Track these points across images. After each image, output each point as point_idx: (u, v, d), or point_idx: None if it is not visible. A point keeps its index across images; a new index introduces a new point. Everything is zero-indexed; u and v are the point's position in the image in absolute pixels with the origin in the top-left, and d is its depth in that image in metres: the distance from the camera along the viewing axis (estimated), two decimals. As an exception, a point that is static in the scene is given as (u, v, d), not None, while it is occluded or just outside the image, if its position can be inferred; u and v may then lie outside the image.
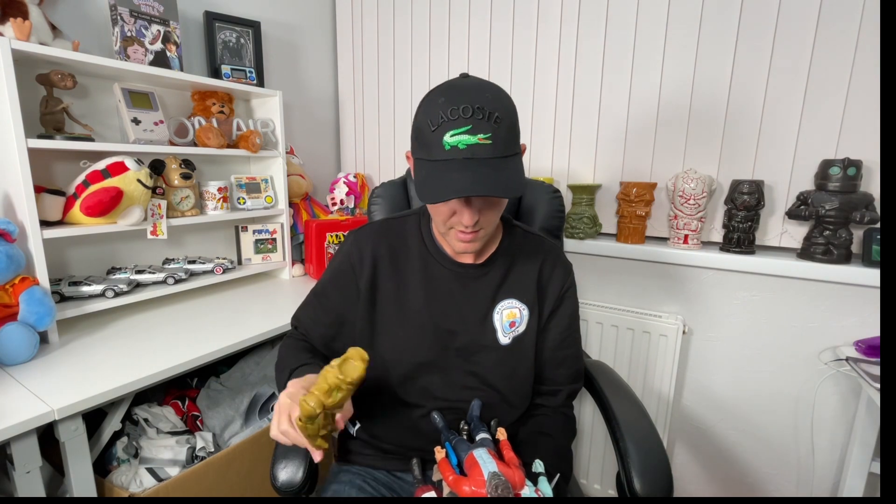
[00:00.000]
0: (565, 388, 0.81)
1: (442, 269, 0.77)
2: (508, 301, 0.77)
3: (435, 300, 0.76)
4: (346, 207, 1.74)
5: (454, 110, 0.59)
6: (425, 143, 0.63)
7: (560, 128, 1.42)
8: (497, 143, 0.60)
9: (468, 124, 0.59)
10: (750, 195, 1.12)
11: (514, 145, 0.63)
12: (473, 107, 0.59)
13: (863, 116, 1.04)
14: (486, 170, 0.59)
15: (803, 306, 1.15)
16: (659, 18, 1.22)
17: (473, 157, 0.59)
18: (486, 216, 0.67)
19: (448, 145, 0.60)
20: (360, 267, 0.77)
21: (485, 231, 0.69)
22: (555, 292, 0.79)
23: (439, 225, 0.70)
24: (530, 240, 0.82)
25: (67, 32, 1.07)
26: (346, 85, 1.86)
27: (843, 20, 1.03)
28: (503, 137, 0.60)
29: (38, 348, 0.94)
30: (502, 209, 0.70)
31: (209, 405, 1.15)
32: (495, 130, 0.59)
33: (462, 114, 0.59)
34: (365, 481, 0.77)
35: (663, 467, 0.70)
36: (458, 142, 0.59)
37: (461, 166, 0.60)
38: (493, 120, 0.59)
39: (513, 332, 0.77)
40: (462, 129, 0.59)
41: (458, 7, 1.53)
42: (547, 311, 0.79)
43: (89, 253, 1.22)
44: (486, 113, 0.59)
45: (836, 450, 1.16)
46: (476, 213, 0.65)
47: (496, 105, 0.60)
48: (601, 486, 1.41)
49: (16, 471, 0.75)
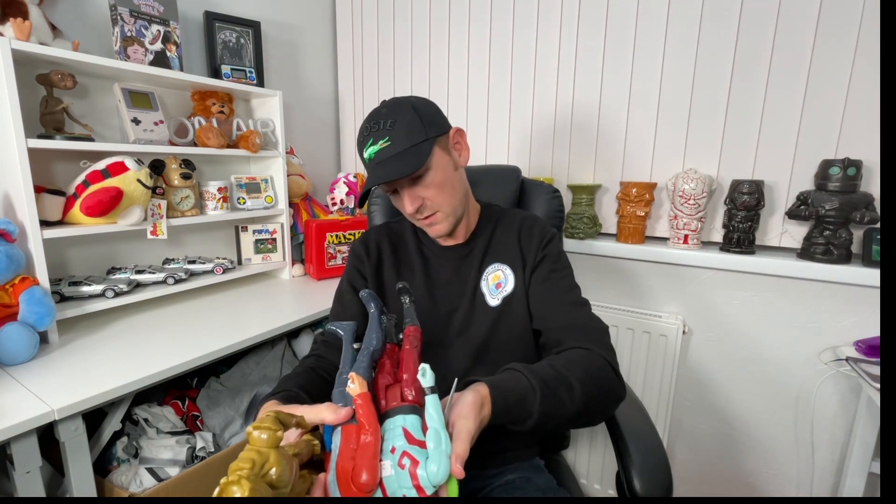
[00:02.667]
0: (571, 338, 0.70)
1: (434, 255, 0.86)
2: (493, 266, 0.83)
3: (432, 283, 0.83)
4: (346, 207, 1.74)
5: (362, 130, 0.76)
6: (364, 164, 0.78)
7: (560, 128, 1.42)
8: (395, 142, 0.72)
9: (370, 138, 0.74)
10: (750, 195, 1.12)
11: (414, 136, 0.73)
12: (370, 123, 0.75)
13: (863, 116, 1.04)
14: (389, 164, 0.72)
15: (803, 306, 1.15)
16: (659, 18, 1.22)
17: (381, 159, 0.73)
18: (428, 195, 0.75)
19: (367, 158, 0.75)
20: (367, 259, 0.85)
21: (442, 212, 0.77)
22: (534, 249, 0.82)
23: (414, 221, 0.81)
24: (508, 212, 0.89)
25: (67, 32, 1.07)
26: (346, 85, 1.86)
27: (843, 20, 1.03)
28: (401, 135, 0.72)
29: (38, 348, 0.93)
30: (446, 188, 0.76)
31: (209, 405, 1.15)
32: (391, 133, 0.73)
33: (364, 131, 0.76)
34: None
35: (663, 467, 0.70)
36: (370, 153, 0.74)
37: (377, 167, 0.73)
38: (388, 126, 0.73)
39: (500, 293, 0.80)
40: (368, 142, 0.74)
41: (458, 7, 1.53)
42: (529, 269, 0.81)
43: (89, 253, 1.22)
44: (380, 123, 0.74)
45: (836, 450, 1.16)
46: (415, 199, 0.75)
47: (389, 113, 0.74)
48: (601, 486, 1.41)
49: (16, 471, 0.75)
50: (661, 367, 1.28)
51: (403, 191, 0.75)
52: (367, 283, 0.84)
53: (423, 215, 0.77)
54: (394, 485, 0.42)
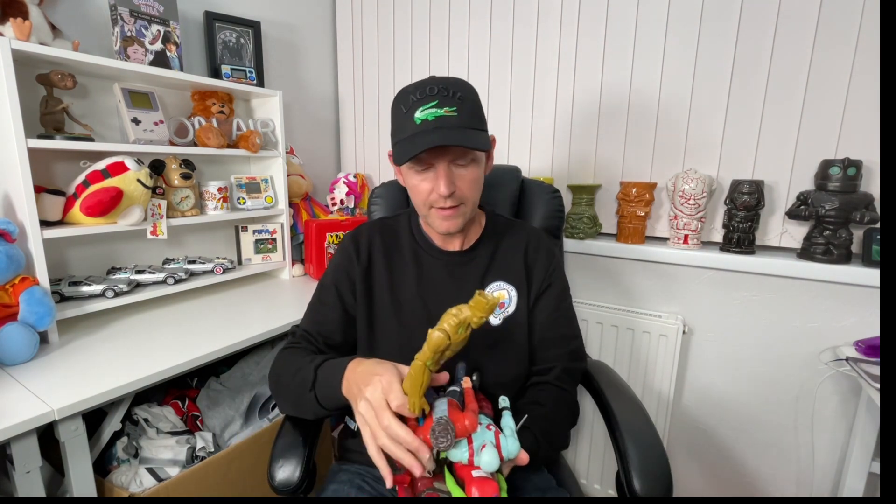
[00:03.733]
0: (558, 364, 0.79)
1: (431, 259, 0.82)
2: (497, 283, 0.80)
3: (426, 289, 0.80)
4: (346, 207, 1.74)
5: (422, 91, 0.68)
6: (400, 126, 0.70)
7: (560, 127, 1.42)
8: (462, 116, 0.67)
9: (435, 99, 0.67)
10: (750, 195, 1.12)
11: (479, 122, 0.70)
12: (438, 86, 0.68)
13: (863, 116, 1.04)
14: (453, 130, 0.66)
15: (803, 306, 1.15)
16: (659, 18, 1.22)
17: (442, 126, 0.66)
18: (462, 186, 0.71)
19: (419, 120, 0.67)
20: (357, 260, 0.81)
21: (464, 207, 0.73)
22: (540, 275, 0.81)
23: (421, 208, 0.75)
24: (512, 225, 0.86)
25: (67, 32, 1.07)
26: (346, 85, 1.86)
27: (843, 20, 1.03)
28: (468, 112, 0.68)
29: (38, 348, 0.93)
30: (478, 182, 0.73)
31: (209, 405, 1.15)
32: (460, 105, 0.67)
33: (429, 92, 0.67)
34: (364, 480, 0.77)
35: (663, 467, 0.70)
36: (428, 115, 0.66)
37: (432, 132, 0.66)
38: (457, 98, 0.67)
39: (503, 314, 0.79)
40: (430, 104, 0.66)
41: (458, 7, 1.53)
42: (535, 292, 0.81)
43: (89, 253, 1.22)
44: (450, 91, 0.67)
45: (836, 450, 1.16)
46: (450, 182, 0.69)
47: (459, 87, 0.69)
48: (601, 486, 1.41)
49: (16, 471, 0.75)
50: (661, 367, 1.28)
51: (444, 169, 0.69)
52: (355, 286, 0.80)
53: (448, 203, 0.71)
54: (481, 438, 0.56)
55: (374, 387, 0.56)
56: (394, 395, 0.54)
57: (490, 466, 0.54)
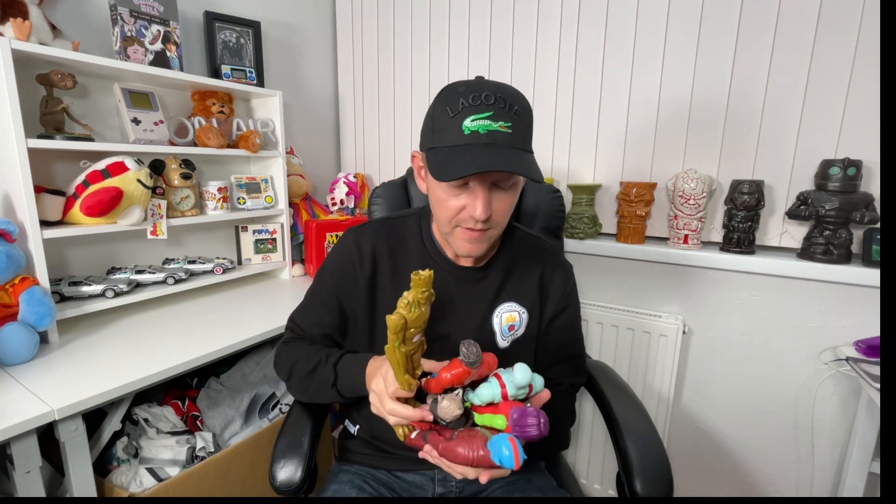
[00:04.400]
0: (566, 380, 0.82)
1: (441, 272, 0.76)
2: (508, 304, 0.77)
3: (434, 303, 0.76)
4: (346, 207, 1.74)
5: (476, 97, 0.59)
6: (442, 129, 0.62)
7: (560, 128, 1.42)
8: (516, 134, 0.60)
9: (490, 110, 0.59)
10: (750, 195, 1.12)
11: (529, 141, 0.64)
12: (496, 95, 0.60)
13: (863, 116, 1.04)
14: (508, 152, 0.60)
15: (803, 306, 1.15)
16: (659, 18, 1.22)
17: (494, 143, 0.59)
18: (498, 211, 0.66)
19: (468, 130, 0.59)
20: (360, 265, 0.77)
21: (493, 231, 0.68)
22: (556, 297, 0.79)
23: (444, 224, 0.69)
24: (530, 242, 0.82)
25: (67, 32, 1.07)
26: (346, 85, 1.86)
27: (843, 20, 1.03)
28: (522, 131, 0.61)
29: (38, 348, 0.93)
30: (512, 208, 0.69)
31: (209, 405, 1.15)
32: (515, 121, 0.60)
33: (484, 100, 0.59)
34: (365, 481, 0.77)
35: (663, 467, 0.70)
36: (479, 126, 0.59)
37: (482, 148, 0.59)
38: (514, 112, 0.60)
39: (512, 336, 0.77)
40: (484, 114, 0.59)
41: (458, 7, 1.53)
42: (549, 315, 0.79)
43: (89, 253, 1.22)
44: (507, 104, 0.60)
45: (836, 450, 1.16)
46: (488, 206, 0.63)
47: (516, 100, 0.61)
48: (601, 486, 1.41)
49: (16, 471, 0.75)
50: (661, 367, 1.28)
51: (483, 191, 0.62)
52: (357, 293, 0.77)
53: (479, 226, 0.66)
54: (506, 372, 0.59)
55: (377, 380, 0.63)
56: (390, 383, 0.60)
57: (525, 377, 0.57)
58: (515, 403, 0.58)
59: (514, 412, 0.56)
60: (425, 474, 0.79)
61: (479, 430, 0.59)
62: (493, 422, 0.59)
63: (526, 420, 0.54)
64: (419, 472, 0.79)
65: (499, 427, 0.58)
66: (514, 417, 0.56)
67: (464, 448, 0.56)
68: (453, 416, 0.60)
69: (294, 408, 0.81)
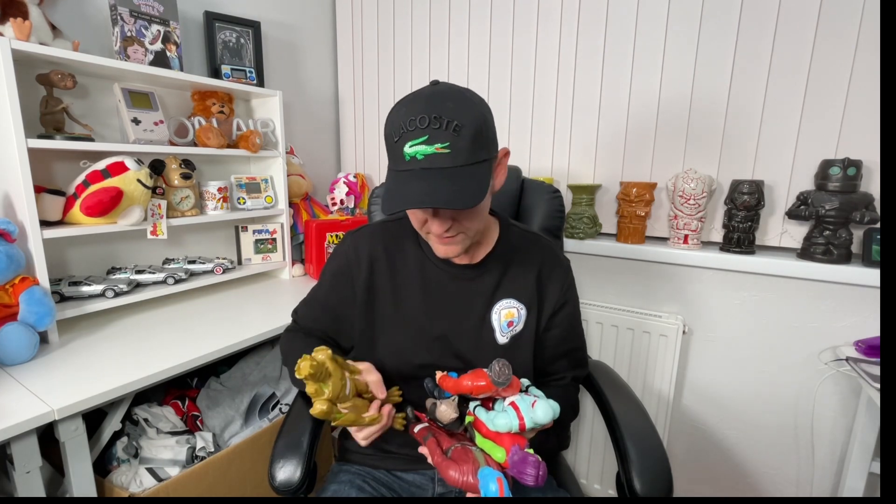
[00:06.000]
0: (569, 374, 0.83)
1: (437, 271, 0.78)
2: (506, 301, 0.77)
3: (432, 302, 0.77)
4: (346, 207, 1.74)
5: (412, 121, 0.59)
6: (392, 154, 0.63)
7: (560, 128, 1.42)
8: (456, 153, 0.59)
9: (425, 134, 0.58)
10: (750, 195, 1.12)
11: (478, 152, 0.61)
12: (430, 116, 0.58)
13: (863, 116, 1.04)
14: (442, 181, 0.59)
15: (803, 306, 1.15)
16: (659, 18, 1.22)
17: (431, 167, 0.59)
18: (461, 222, 0.66)
19: (408, 156, 0.60)
20: (357, 268, 0.78)
21: (464, 235, 0.68)
22: (555, 293, 0.79)
23: (419, 230, 0.72)
24: (527, 238, 0.82)
25: (67, 32, 1.07)
26: (346, 85, 1.86)
27: (843, 20, 1.03)
28: (464, 147, 0.59)
29: (38, 348, 0.93)
30: (480, 214, 0.68)
31: (209, 405, 1.15)
32: (454, 140, 0.59)
33: (419, 124, 0.58)
34: (365, 481, 0.77)
35: (663, 467, 0.70)
36: (416, 152, 0.59)
37: (418, 176, 0.60)
38: (452, 129, 0.58)
39: (511, 332, 0.77)
40: (419, 139, 0.58)
41: (458, 7, 1.53)
42: (548, 312, 0.79)
43: (89, 253, 1.22)
44: (443, 122, 0.58)
45: (836, 450, 1.16)
46: (446, 221, 0.65)
47: (457, 113, 0.59)
48: (601, 486, 1.41)
49: (16, 471, 0.75)
50: (661, 367, 1.28)
51: (440, 211, 0.64)
52: (355, 297, 0.79)
53: (446, 235, 0.67)
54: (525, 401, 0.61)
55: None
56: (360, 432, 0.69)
57: (546, 418, 0.59)
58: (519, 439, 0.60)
59: (515, 454, 0.58)
60: (425, 474, 0.79)
61: (473, 453, 0.61)
62: (492, 451, 0.61)
63: (525, 468, 0.56)
64: (419, 471, 0.79)
65: (497, 459, 0.60)
66: (514, 460, 0.57)
67: (455, 471, 0.59)
68: (450, 420, 0.64)
69: (294, 408, 0.81)
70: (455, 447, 0.63)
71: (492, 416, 0.62)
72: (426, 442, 0.66)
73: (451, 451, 0.62)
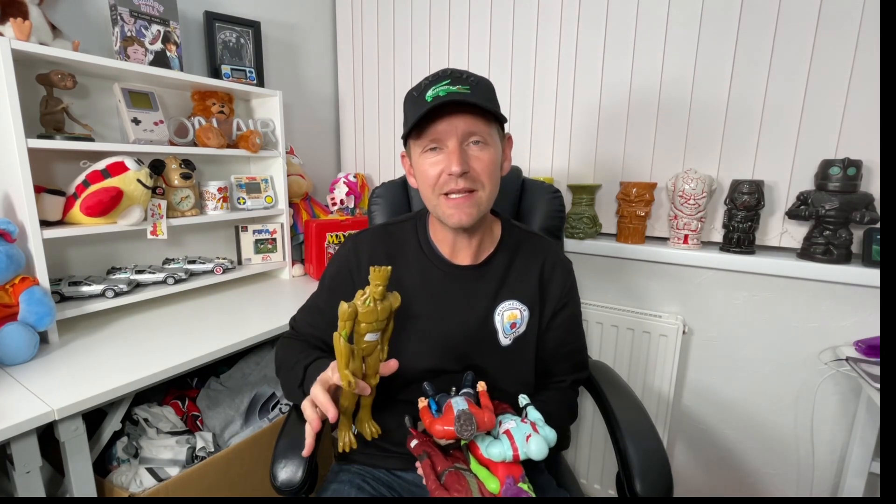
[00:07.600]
0: (569, 377, 0.83)
1: (439, 272, 0.77)
2: (509, 302, 0.77)
3: (434, 304, 0.77)
4: (346, 207, 1.74)
5: (436, 76, 0.68)
6: (411, 108, 0.69)
7: (560, 128, 1.42)
8: (476, 93, 0.66)
9: (448, 79, 0.66)
10: (750, 195, 1.12)
11: (495, 104, 0.69)
12: (447, 71, 0.68)
13: (863, 116, 1.04)
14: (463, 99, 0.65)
15: (803, 306, 1.15)
16: (659, 18, 1.22)
17: (454, 99, 0.65)
18: (476, 167, 0.68)
19: (430, 97, 0.65)
20: (358, 271, 0.78)
21: (480, 193, 0.69)
22: (556, 294, 0.79)
23: (431, 198, 0.71)
24: (528, 239, 0.82)
25: (67, 32, 1.07)
26: (346, 85, 1.86)
27: (843, 20, 1.03)
28: (483, 95, 0.67)
29: (38, 348, 0.93)
30: (494, 166, 0.70)
31: (209, 405, 1.15)
32: (474, 86, 0.66)
33: (443, 74, 0.67)
34: (365, 480, 0.77)
35: (663, 467, 0.70)
36: (439, 90, 0.65)
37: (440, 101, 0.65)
38: (471, 80, 0.67)
39: (514, 333, 0.77)
40: (443, 82, 0.66)
41: (458, 7, 1.53)
42: (549, 313, 0.79)
43: (89, 253, 1.22)
44: (465, 76, 0.67)
45: (836, 450, 1.16)
46: (462, 160, 0.66)
47: (474, 76, 0.68)
48: (601, 486, 1.41)
49: (16, 471, 0.75)
50: (661, 368, 1.28)
51: (455, 146, 0.66)
52: None
53: (461, 185, 0.67)
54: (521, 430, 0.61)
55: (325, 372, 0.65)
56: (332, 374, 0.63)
57: (540, 454, 0.59)
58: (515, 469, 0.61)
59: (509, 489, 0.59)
60: (425, 474, 0.79)
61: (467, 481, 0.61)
62: (486, 481, 0.61)
63: None
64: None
65: (491, 490, 0.60)
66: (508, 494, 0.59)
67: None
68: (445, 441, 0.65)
69: (294, 408, 0.81)
70: (449, 471, 0.62)
71: (486, 442, 0.62)
72: (421, 462, 0.65)
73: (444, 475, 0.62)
